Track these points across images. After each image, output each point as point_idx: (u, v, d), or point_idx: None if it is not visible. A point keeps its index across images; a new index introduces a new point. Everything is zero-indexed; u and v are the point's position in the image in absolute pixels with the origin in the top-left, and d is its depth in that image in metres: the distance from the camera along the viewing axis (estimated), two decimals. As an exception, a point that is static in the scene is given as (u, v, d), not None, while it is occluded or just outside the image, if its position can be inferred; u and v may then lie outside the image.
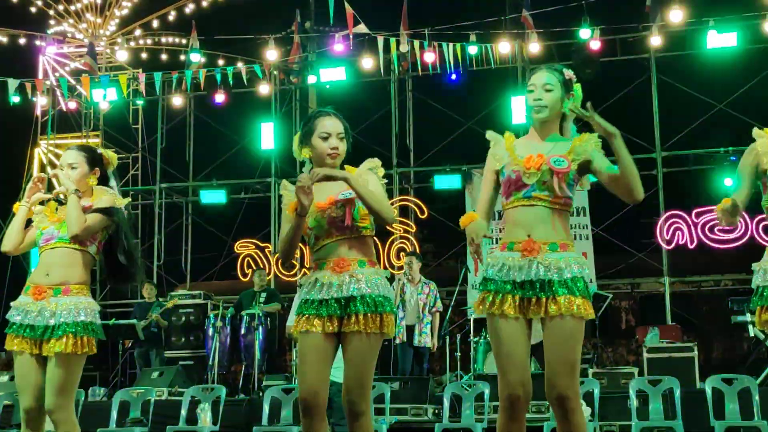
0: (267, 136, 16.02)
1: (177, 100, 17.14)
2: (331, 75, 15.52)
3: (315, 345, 4.39)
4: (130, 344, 13.91)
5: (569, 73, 4.37)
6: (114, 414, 10.12)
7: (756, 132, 4.41)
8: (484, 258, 4.30)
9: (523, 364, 4.19)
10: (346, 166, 4.58)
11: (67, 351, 5.05)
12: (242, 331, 12.48)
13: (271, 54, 15.43)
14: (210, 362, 12.37)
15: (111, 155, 5.51)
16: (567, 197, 4.24)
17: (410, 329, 11.54)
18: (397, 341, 11.54)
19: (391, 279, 11.73)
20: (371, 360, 4.41)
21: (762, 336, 10.79)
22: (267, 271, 14.78)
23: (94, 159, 5.38)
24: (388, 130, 16.29)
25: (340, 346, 4.45)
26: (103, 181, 5.43)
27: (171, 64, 17.45)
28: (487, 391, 9.38)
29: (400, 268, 14.71)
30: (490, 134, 4.50)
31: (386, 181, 4.63)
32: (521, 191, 4.24)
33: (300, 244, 4.65)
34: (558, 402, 4.12)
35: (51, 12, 18.91)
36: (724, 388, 8.92)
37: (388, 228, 15.23)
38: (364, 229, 4.46)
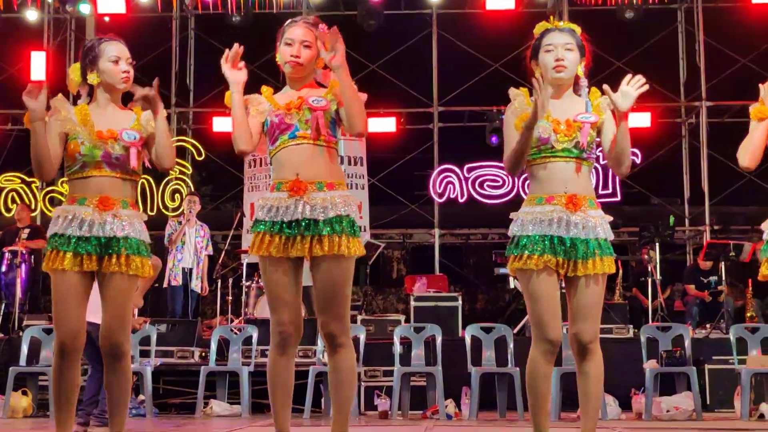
0: (38, 66, 15.21)
1: (-62, 21, 16.00)
2: (110, 6, 14.80)
3: (74, 285, 4.39)
4: None
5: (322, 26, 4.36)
6: None
7: (512, 91, 4.54)
8: None
9: (294, 303, 4.27)
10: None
11: None
12: (3, 269, 11.99)
13: (44, -21, 14.61)
14: (-33, 300, 11.81)
15: None
16: (330, 135, 4.33)
17: (189, 272, 11.41)
18: (173, 283, 11.39)
19: (165, 220, 11.58)
20: (130, 300, 4.52)
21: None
22: (33, 207, 14.21)
23: None
24: (169, 69, 15.89)
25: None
26: None
27: (-68, -19, 16.21)
28: (255, 335, 9.42)
29: (174, 209, 14.48)
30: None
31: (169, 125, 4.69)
32: (286, 133, 4.31)
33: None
34: (329, 339, 4.25)
35: None
36: (482, 336, 9.37)
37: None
38: (134, 173, 4.52)
